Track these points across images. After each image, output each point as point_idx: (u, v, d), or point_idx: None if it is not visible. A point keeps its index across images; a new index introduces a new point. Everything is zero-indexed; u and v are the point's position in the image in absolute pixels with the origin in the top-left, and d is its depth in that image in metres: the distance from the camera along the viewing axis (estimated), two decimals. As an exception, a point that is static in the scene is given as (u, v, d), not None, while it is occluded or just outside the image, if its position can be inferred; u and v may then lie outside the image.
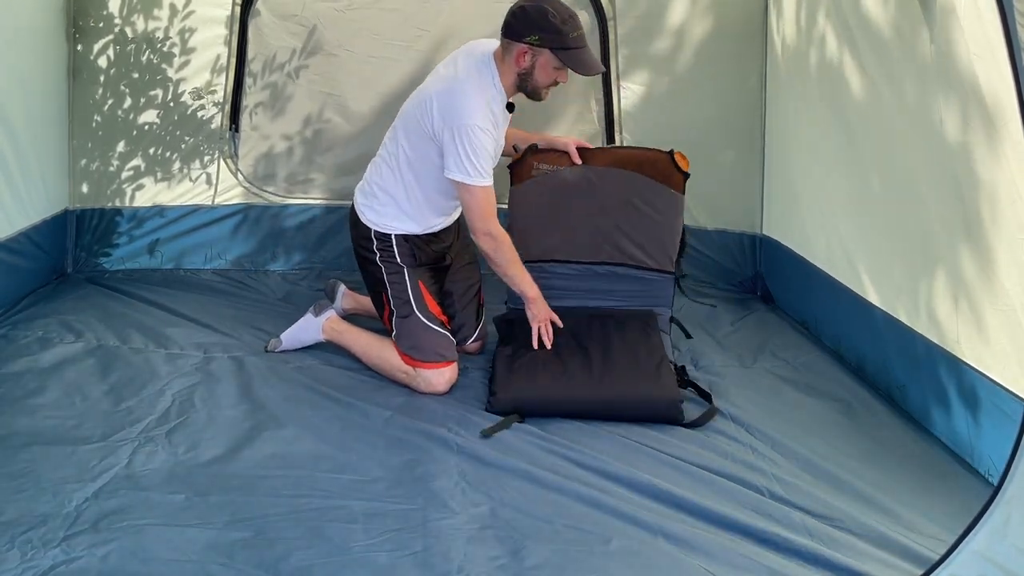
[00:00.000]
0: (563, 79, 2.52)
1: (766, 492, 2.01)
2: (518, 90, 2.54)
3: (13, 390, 2.39)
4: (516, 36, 2.43)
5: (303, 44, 3.42)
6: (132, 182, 3.44)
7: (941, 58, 2.16)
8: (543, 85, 2.50)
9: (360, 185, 2.73)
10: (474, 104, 2.40)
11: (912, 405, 2.45)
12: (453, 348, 2.61)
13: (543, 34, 2.39)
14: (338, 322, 2.78)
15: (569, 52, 2.42)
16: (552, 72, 2.47)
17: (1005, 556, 1.45)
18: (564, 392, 2.46)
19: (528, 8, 2.41)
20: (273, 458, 2.11)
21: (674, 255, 2.91)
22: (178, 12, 3.32)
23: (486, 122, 2.42)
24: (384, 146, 2.66)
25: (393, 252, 2.62)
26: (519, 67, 2.46)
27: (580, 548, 1.79)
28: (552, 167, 2.88)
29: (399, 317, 2.60)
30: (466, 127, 2.38)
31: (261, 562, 1.69)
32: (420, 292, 2.62)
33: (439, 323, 2.62)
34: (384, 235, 2.62)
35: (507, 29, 2.45)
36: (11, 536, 1.72)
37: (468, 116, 2.38)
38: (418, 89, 2.59)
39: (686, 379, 2.58)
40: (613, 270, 2.91)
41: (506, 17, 2.46)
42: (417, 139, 2.50)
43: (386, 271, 2.63)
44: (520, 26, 2.41)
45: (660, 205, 2.89)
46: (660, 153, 2.93)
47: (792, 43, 3.13)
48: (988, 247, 2.05)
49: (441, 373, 2.53)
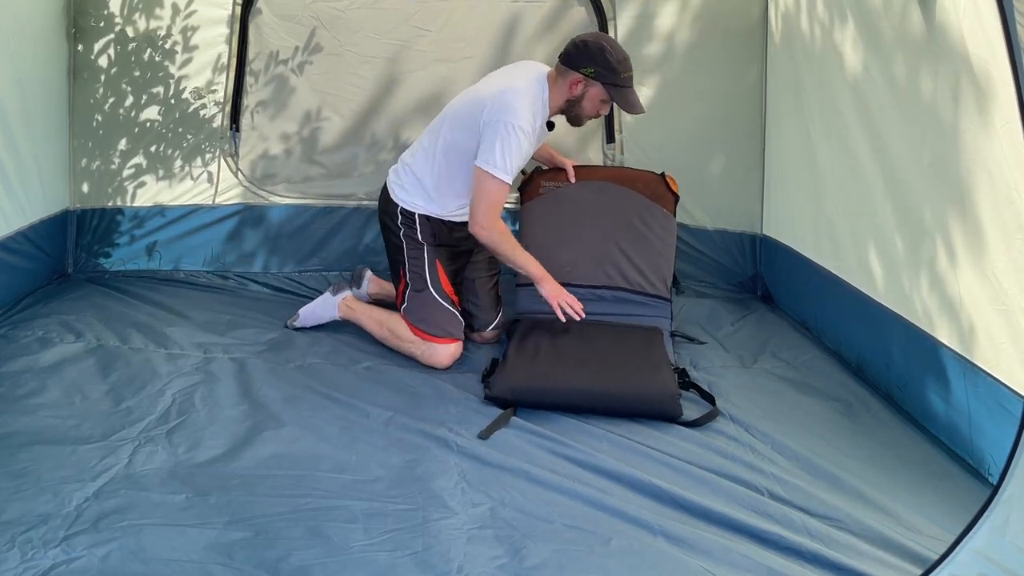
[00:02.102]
0: (604, 112, 2.76)
1: (766, 492, 2.01)
2: (561, 112, 2.76)
3: (13, 390, 2.39)
4: (574, 65, 2.65)
5: (304, 44, 3.42)
6: (133, 180, 3.44)
7: (943, 58, 2.16)
8: (587, 114, 2.74)
9: (395, 166, 2.92)
10: (523, 107, 2.60)
11: (912, 405, 2.45)
12: (460, 328, 2.76)
13: (599, 68, 2.62)
14: (353, 301, 2.98)
15: (619, 89, 2.66)
16: (599, 104, 2.70)
17: (1005, 555, 1.46)
18: (562, 382, 2.47)
19: (590, 43, 2.65)
20: (273, 458, 2.11)
21: (669, 280, 3.06)
22: (180, 11, 3.32)
23: (528, 126, 2.61)
24: (424, 135, 2.85)
25: (415, 229, 2.80)
26: (571, 93, 2.68)
27: (580, 548, 1.79)
28: (557, 184, 3.13)
29: (413, 290, 2.77)
30: (510, 123, 2.56)
31: (261, 562, 1.69)
32: (436, 270, 2.79)
33: (450, 302, 2.78)
34: (409, 212, 2.80)
35: (566, 57, 2.67)
36: (11, 536, 1.72)
37: (515, 115, 2.57)
38: (468, 90, 2.81)
39: (688, 381, 2.59)
40: (614, 294, 3.01)
41: (567, 46, 2.69)
42: (461, 131, 2.68)
43: (407, 246, 2.80)
44: (580, 57, 2.64)
45: (656, 226, 3.08)
46: (652, 174, 3.16)
47: (792, 43, 3.13)
48: (989, 246, 2.05)
49: (446, 347, 2.68)
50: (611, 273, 3.02)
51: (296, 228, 3.53)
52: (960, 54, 2.08)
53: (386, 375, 2.66)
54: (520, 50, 3.42)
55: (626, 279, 3.02)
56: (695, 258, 3.54)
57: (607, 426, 2.32)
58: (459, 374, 2.67)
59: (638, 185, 3.11)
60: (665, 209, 3.10)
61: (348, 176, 3.53)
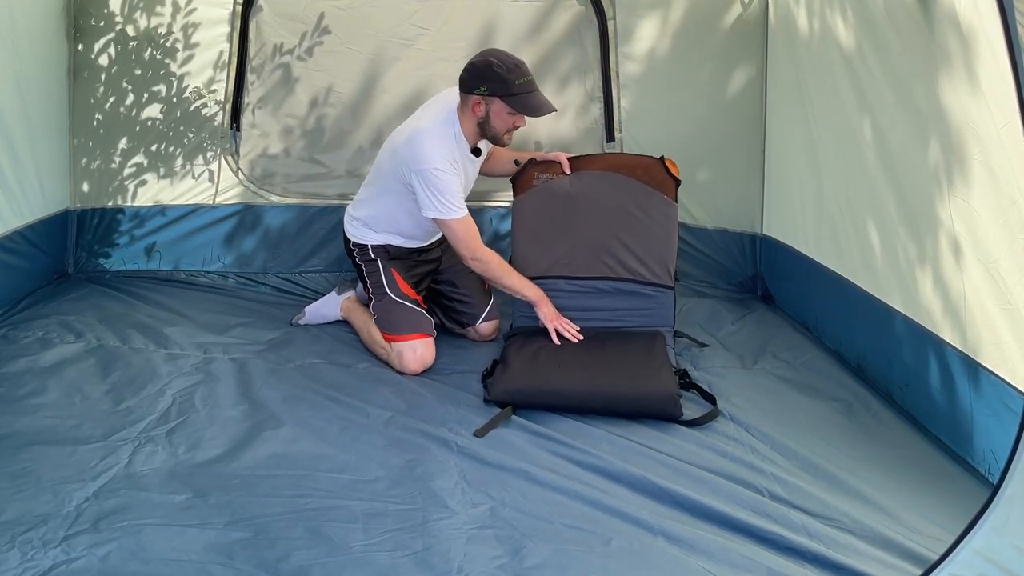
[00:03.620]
0: (521, 123, 2.73)
1: (766, 492, 2.01)
2: (483, 136, 2.76)
3: (13, 390, 2.39)
4: (468, 89, 2.66)
5: (304, 42, 3.43)
6: (134, 179, 3.44)
7: (945, 56, 2.16)
8: (501, 131, 2.71)
9: (348, 207, 3.01)
10: (431, 149, 2.63)
11: (914, 404, 2.45)
12: (428, 324, 2.80)
13: (490, 84, 2.62)
14: (354, 302, 3.05)
15: (516, 98, 2.63)
16: (507, 118, 2.68)
17: (1005, 555, 1.45)
18: (561, 384, 2.46)
19: (476, 62, 2.66)
20: (273, 458, 2.11)
21: (672, 268, 2.97)
22: (180, 9, 3.32)
23: (444, 163, 2.64)
24: (371, 172, 2.92)
25: (368, 252, 2.90)
26: (476, 116, 2.68)
27: (580, 548, 1.79)
28: (551, 176, 3.03)
29: (376, 301, 2.84)
30: (427, 171, 2.61)
31: (261, 562, 1.69)
32: (392, 277, 2.86)
33: (412, 301, 2.84)
34: (362, 245, 2.91)
35: (461, 84, 2.69)
36: (11, 536, 1.72)
37: (425, 161, 2.62)
38: (390, 135, 2.86)
39: (688, 381, 2.58)
40: (615, 286, 2.95)
41: (460, 74, 2.69)
42: (391, 179, 2.76)
43: (365, 267, 2.91)
44: (470, 80, 2.65)
45: (656, 213, 2.98)
46: (651, 159, 3.04)
47: (793, 41, 3.13)
48: (993, 245, 2.04)
49: (413, 347, 2.69)
50: (610, 263, 2.94)
51: (296, 228, 3.53)
52: (962, 51, 2.08)
53: (386, 375, 2.66)
54: (520, 50, 3.41)
55: (626, 269, 2.94)
56: (695, 258, 3.54)
57: (607, 426, 2.32)
58: (459, 374, 2.67)
59: (637, 171, 3.00)
60: (665, 195, 2.98)
61: (348, 176, 3.53)
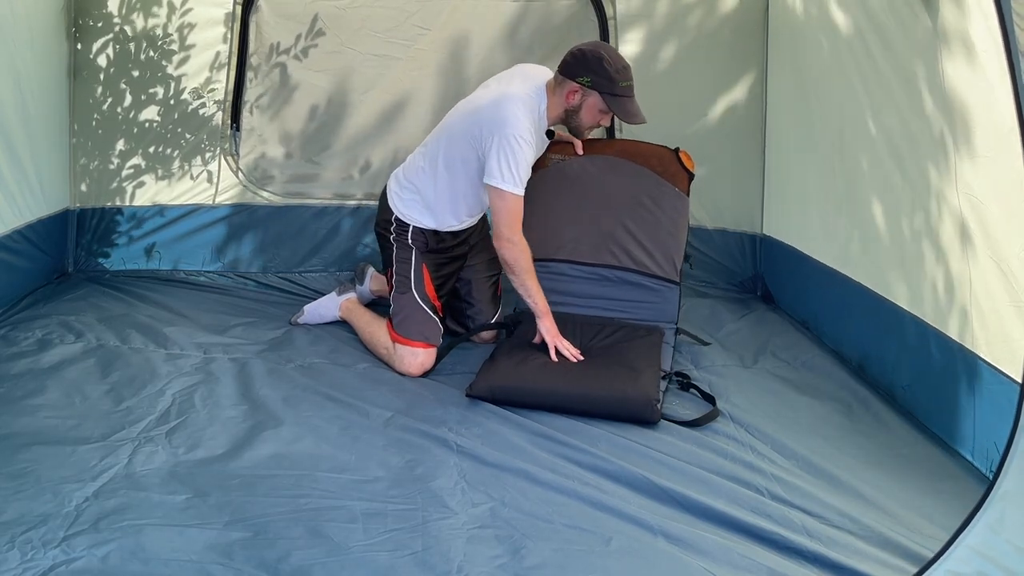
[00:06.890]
0: (605, 123, 2.72)
1: (765, 492, 2.01)
2: (561, 122, 2.72)
3: (13, 390, 2.38)
4: (570, 75, 2.59)
5: (304, 42, 3.42)
6: (132, 180, 3.44)
7: (949, 54, 2.16)
8: (586, 125, 2.69)
9: (396, 172, 2.87)
10: (520, 116, 2.54)
11: (915, 403, 2.45)
12: (437, 335, 2.73)
13: (596, 78, 2.56)
14: (354, 303, 3.03)
15: (617, 99, 2.59)
16: (597, 114, 2.64)
17: (1000, 552, 1.45)
18: (541, 382, 2.44)
19: (587, 52, 2.59)
20: (273, 458, 2.11)
21: (679, 263, 2.92)
22: (176, 10, 3.32)
23: (528, 135, 2.55)
24: (426, 144, 2.79)
25: (407, 237, 2.78)
26: (568, 103, 2.62)
27: (580, 548, 1.79)
28: (565, 157, 2.99)
29: (397, 293, 2.77)
30: (511, 136, 2.51)
31: (261, 562, 1.69)
32: (422, 275, 2.77)
33: (432, 307, 2.76)
34: (404, 223, 2.78)
35: (564, 67, 2.61)
36: (11, 536, 1.72)
37: (512, 126, 2.51)
38: (468, 98, 2.74)
39: (688, 382, 2.58)
40: (620, 275, 2.91)
41: (565, 56, 2.62)
42: (461, 144, 2.63)
43: (396, 251, 2.80)
44: (576, 66, 2.58)
45: (667, 206, 2.94)
46: (665, 149, 2.99)
47: (793, 40, 3.13)
48: (1001, 242, 2.03)
49: (415, 353, 2.65)
50: (616, 252, 2.90)
51: (296, 228, 3.53)
52: (965, 49, 2.08)
53: (386, 375, 2.66)
54: (520, 49, 3.42)
55: (632, 259, 2.90)
56: (695, 258, 3.53)
57: (607, 426, 2.32)
58: (459, 374, 2.67)
59: (651, 161, 2.96)
60: (677, 188, 2.94)
61: (348, 176, 3.53)
